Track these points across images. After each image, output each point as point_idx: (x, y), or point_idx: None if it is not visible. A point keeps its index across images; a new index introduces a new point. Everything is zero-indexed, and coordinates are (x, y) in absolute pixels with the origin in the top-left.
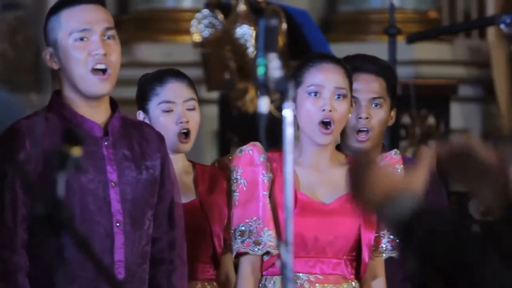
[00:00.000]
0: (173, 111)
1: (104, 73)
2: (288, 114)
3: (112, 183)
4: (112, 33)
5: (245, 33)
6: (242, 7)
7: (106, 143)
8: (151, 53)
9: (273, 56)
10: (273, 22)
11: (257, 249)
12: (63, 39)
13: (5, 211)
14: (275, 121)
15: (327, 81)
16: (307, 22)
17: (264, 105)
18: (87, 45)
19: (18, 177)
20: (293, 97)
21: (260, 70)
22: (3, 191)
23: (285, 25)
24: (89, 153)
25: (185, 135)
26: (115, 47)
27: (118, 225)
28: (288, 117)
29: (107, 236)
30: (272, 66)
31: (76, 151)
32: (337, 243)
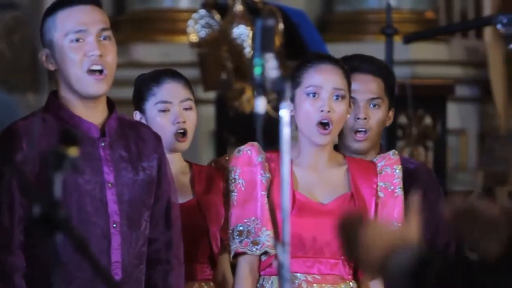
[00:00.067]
0: (170, 111)
1: (100, 73)
2: (285, 114)
3: (109, 184)
4: (108, 34)
5: (242, 33)
6: (239, 7)
7: (103, 144)
8: (148, 53)
9: (270, 56)
10: (270, 22)
11: (255, 249)
12: (59, 40)
13: (2, 212)
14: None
15: (326, 82)
16: (303, 22)
17: (261, 105)
18: (83, 46)
19: (15, 178)
20: (291, 98)
21: (257, 70)
22: (0, 192)
23: (281, 25)
24: (86, 154)
25: (182, 134)
26: (111, 48)
27: (115, 226)
28: (285, 117)
29: (104, 237)
30: (269, 66)
31: (73, 151)
32: (335, 244)
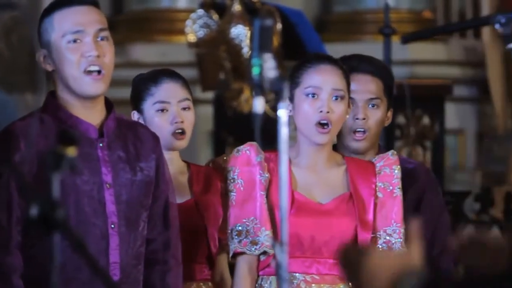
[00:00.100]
0: (168, 111)
1: (98, 73)
2: (283, 114)
3: (107, 185)
4: (105, 34)
5: (240, 33)
6: (237, 7)
7: (101, 144)
8: (146, 53)
9: (268, 56)
10: (268, 22)
11: (254, 249)
12: (56, 41)
13: (0, 212)
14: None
15: (325, 83)
16: (302, 22)
17: (259, 105)
18: (80, 47)
19: (13, 179)
20: (290, 98)
21: (255, 70)
22: None
23: (280, 25)
24: (84, 155)
25: (180, 133)
26: (108, 49)
27: (113, 226)
28: (283, 117)
29: (102, 237)
30: (267, 66)
31: (71, 151)
32: (333, 243)
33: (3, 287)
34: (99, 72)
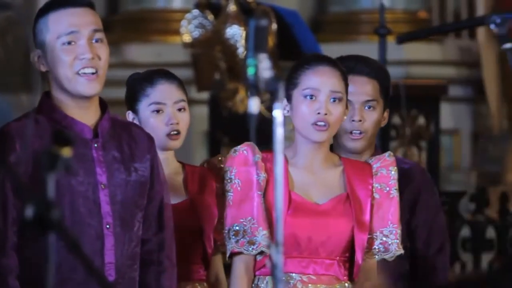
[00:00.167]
0: (164, 112)
1: (92, 73)
2: (278, 114)
3: (101, 185)
4: (100, 36)
5: (235, 33)
6: (232, 8)
7: (95, 145)
8: (141, 53)
9: (263, 56)
10: (263, 22)
11: (251, 249)
12: (51, 42)
13: None
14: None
15: (323, 85)
16: (297, 22)
17: (254, 105)
18: (75, 49)
19: (8, 179)
20: (288, 98)
21: (250, 70)
22: None
23: (275, 26)
24: (79, 155)
25: (174, 135)
26: (103, 50)
27: (108, 227)
28: (278, 117)
29: (98, 238)
30: (262, 66)
31: (66, 152)
32: (330, 244)
33: None
34: (93, 73)
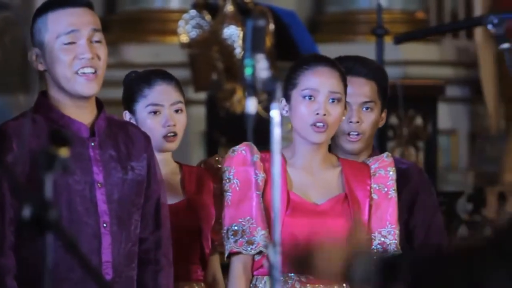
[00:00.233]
0: (161, 113)
1: (91, 73)
2: (275, 114)
3: (98, 184)
4: (99, 36)
5: (233, 33)
6: (229, 8)
7: (92, 144)
8: (138, 53)
9: (260, 56)
10: (261, 22)
11: (250, 249)
12: (50, 42)
13: None
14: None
15: (322, 85)
16: (294, 22)
17: (251, 105)
18: (75, 49)
19: (5, 179)
20: (287, 99)
21: (247, 70)
22: None
23: (272, 26)
24: (75, 154)
25: (171, 136)
26: (102, 51)
27: (105, 225)
28: (275, 117)
29: (95, 236)
30: (259, 66)
31: (63, 152)
32: None
33: None
34: (92, 73)
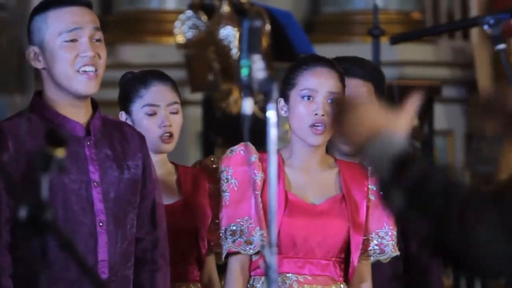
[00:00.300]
0: (157, 114)
1: (92, 72)
2: (272, 115)
3: (94, 183)
4: (100, 35)
5: (229, 34)
6: (225, 8)
7: (88, 143)
8: (134, 54)
9: (257, 57)
10: (257, 23)
11: (248, 248)
12: (51, 40)
13: None
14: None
15: (321, 86)
16: (290, 23)
17: (248, 106)
18: (77, 46)
19: (1, 179)
20: (285, 99)
21: (244, 71)
22: None
23: (268, 26)
24: (71, 153)
25: (167, 136)
26: (102, 50)
27: (101, 224)
28: (272, 118)
29: (91, 236)
30: (256, 67)
31: (59, 152)
32: (326, 244)
33: None
34: (93, 71)
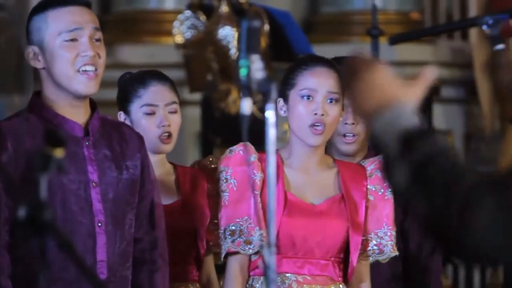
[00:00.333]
0: (155, 114)
1: (92, 72)
2: (270, 115)
3: (93, 183)
4: (99, 35)
5: (228, 34)
6: (224, 8)
7: (87, 143)
8: (133, 54)
9: (255, 57)
10: (256, 23)
11: (248, 248)
12: (51, 39)
13: None
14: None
15: (320, 85)
16: (289, 23)
17: (246, 106)
18: (77, 46)
19: (0, 179)
20: (285, 99)
21: (242, 71)
22: None
23: (267, 26)
24: (70, 154)
25: (166, 136)
26: (102, 50)
27: (100, 225)
28: (270, 118)
29: (89, 236)
30: (254, 67)
31: (58, 153)
32: (325, 244)
33: None
34: (93, 71)
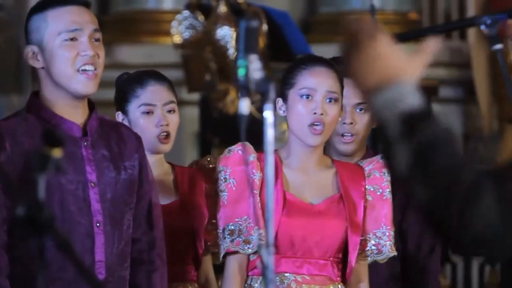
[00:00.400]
0: (153, 113)
1: (92, 72)
2: (268, 115)
3: (91, 184)
4: (99, 35)
5: (226, 34)
6: (222, 9)
7: (85, 143)
8: (131, 54)
9: (253, 57)
10: (254, 23)
11: (247, 248)
12: (51, 39)
13: None
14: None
15: (320, 85)
16: (287, 23)
17: (244, 106)
18: (77, 45)
19: None
20: (284, 99)
21: (240, 71)
22: None
23: (265, 26)
24: (68, 154)
25: (165, 136)
26: (101, 50)
27: (98, 225)
28: (269, 118)
29: (88, 236)
30: (252, 67)
31: (56, 153)
32: (324, 244)
33: None
34: (93, 70)
